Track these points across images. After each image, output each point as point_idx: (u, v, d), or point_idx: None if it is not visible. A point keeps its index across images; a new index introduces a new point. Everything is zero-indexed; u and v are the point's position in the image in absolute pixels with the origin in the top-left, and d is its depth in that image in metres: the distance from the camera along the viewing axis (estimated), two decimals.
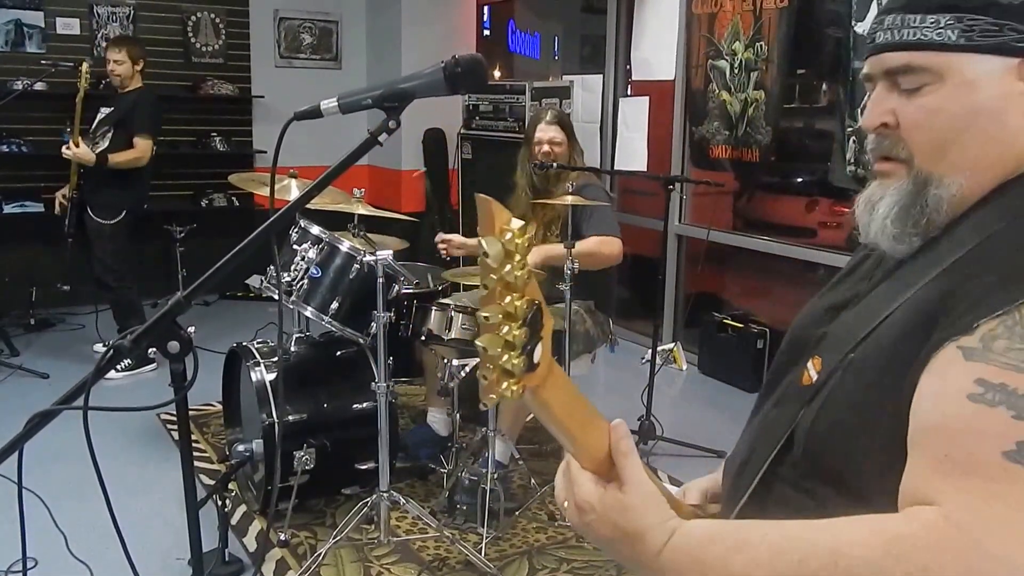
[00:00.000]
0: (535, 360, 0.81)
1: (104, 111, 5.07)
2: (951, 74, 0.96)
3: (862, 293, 1.07)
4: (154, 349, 1.35)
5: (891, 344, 0.92)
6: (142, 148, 4.90)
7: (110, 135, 4.94)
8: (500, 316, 0.78)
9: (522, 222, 0.79)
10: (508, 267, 0.77)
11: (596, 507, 0.92)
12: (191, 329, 1.39)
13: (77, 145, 4.81)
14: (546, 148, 3.82)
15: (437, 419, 3.92)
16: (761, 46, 4.83)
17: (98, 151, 4.91)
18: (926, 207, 0.98)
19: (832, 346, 1.02)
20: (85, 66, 4.94)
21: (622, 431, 0.95)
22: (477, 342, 0.78)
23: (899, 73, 0.99)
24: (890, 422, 0.87)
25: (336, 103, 1.30)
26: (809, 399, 1.01)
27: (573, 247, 3.41)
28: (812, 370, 1.03)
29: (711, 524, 0.94)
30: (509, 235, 0.77)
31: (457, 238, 3.99)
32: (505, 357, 0.78)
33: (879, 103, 1.02)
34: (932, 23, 0.96)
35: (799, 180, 5.47)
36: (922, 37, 0.96)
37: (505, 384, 0.79)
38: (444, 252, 3.98)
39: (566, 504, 0.96)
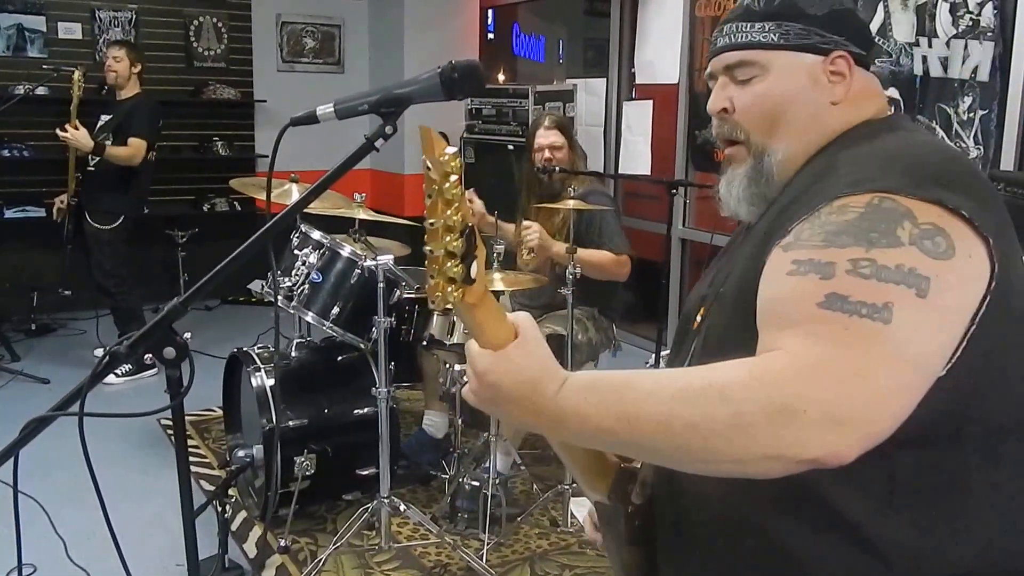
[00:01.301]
0: (472, 275, 0.94)
1: (104, 118, 5.06)
2: (773, 66, 1.23)
3: (732, 252, 1.32)
4: (150, 355, 1.34)
5: (742, 270, 1.15)
6: (136, 147, 4.88)
7: (110, 142, 4.93)
8: (441, 227, 0.91)
9: (455, 150, 0.93)
10: (447, 184, 0.91)
11: (494, 367, 1.02)
12: (187, 335, 1.37)
13: (75, 128, 4.79)
14: (547, 154, 3.80)
15: (433, 422, 3.90)
16: None
17: (97, 160, 4.91)
18: (763, 172, 1.25)
19: (710, 295, 1.26)
20: (77, 74, 4.93)
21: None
22: (425, 246, 0.91)
23: (735, 67, 1.26)
24: (751, 330, 1.05)
25: (332, 109, 1.28)
26: (696, 335, 1.27)
27: (575, 252, 3.39)
28: (699, 316, 1.28)
29: (599, 372, 1.10)
30: (445, 158, 0.91)
31: (480, 207, 3.88)
32: (448, 264, 0.92)
33: (719, 92, 1.29)
34: (759, 29, 1.24)
35: None
36: (752, 39, 1.24)
37: (449, 288, 0.93)
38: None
39: (467, 379, 1.06)
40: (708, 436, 0.92)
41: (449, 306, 0.95)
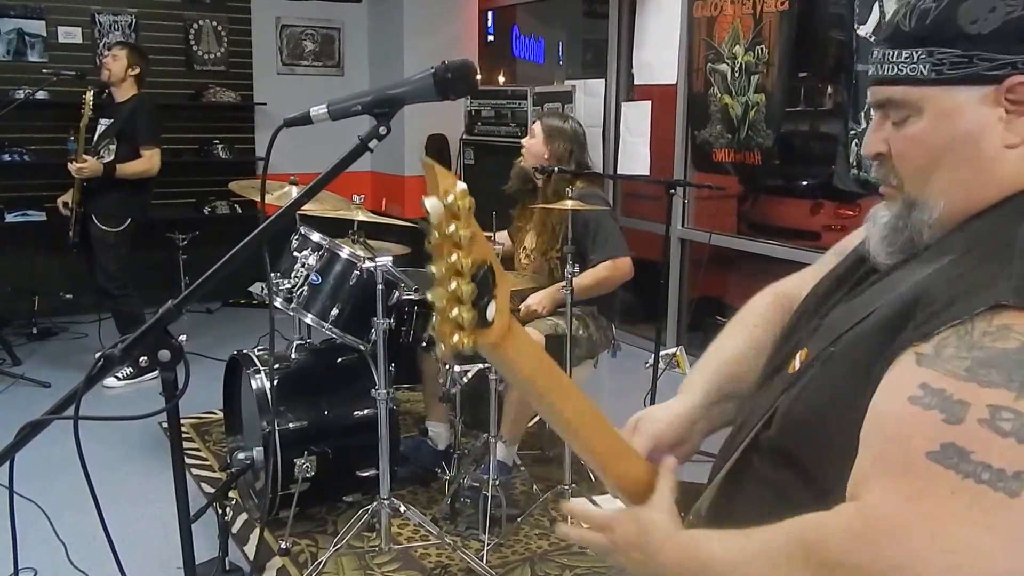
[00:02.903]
0: (488, 317, 0.87)
1: (104, 123, 5.05)
2: (928, 107, 1.00)
3: (857, 290, 1.12)
4: (145, 358, 1.34)
5: (866, 341, 0.96)
6: (150, 158, 4.91)
7: (113, 147, 4.93)
8: (446, 271, 0.84)
9: (464, 186, 0.84)
10: (452, 226, 0.83)
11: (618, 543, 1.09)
12: (182, 337, 1.38)
13: (85, 160, 4.81)
14: (523, 151, 3.86)
15: (437, 432, 3.89)
16: (761, 49, 4.82)
17: (103, 163, 4.91)
18: (911, 227, 1.04)
19: (819, 338, 1.07)
20: (90, 96, 4.93)
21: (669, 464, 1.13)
22: (428, 295, 0.84)
23: (885, 105, 1.06)
24: (854, 417, 0.91)
25: (326, 110, 1.29)
26: (790, 386, 1.07)
27: (573, 250, 3.38)
28: (798, 360, 1.09)
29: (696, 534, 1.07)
30: (451, 197, 0.83)
31: None
32: (455, 311, 0.85)
33: (875, 132, 1.08)
34: (907, 58, 1.00)
35: (802, 183, 5.45)
36: (898, 72, 1.01)
37: (457, 336, 0.86)
38: None
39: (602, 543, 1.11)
40: None
41: (460, 353, 0.89)
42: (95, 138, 5.04)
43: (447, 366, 3.45)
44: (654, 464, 1.17)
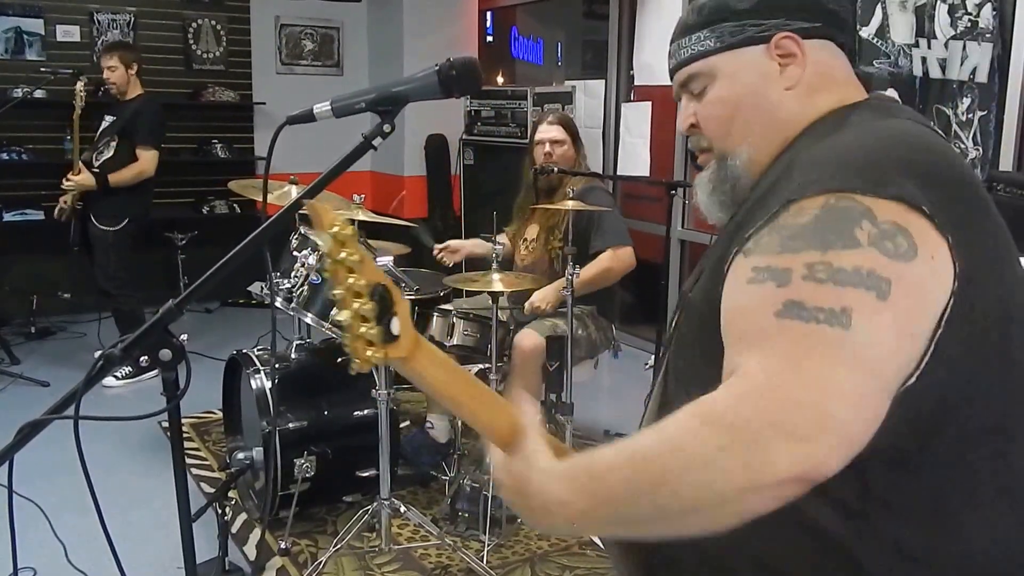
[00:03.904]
0: (394, 332, 0.95)
1: (108, 119, 5.05)
2: (719, 72, 1.22)
3: (707, 254, 1.28)
4: (146, 358, 1.33)
5: (708, 275, 1.14)
6: (146, 160, 4.89)
7: (114, 144, 4.92)
8: (346, 293, 0.93)
9: (344, 217, 0.94)
10: (343, 253, 0.92)
11: (505, 480, 1.07)
12: (183, 337, 1.37)
13: (78, 173, 4.80)
14: (547, 148, 3.80)
15: (437, 426, 3.89)
16: None
17: (102, 159, 4.90)
18: (728, 177, 1.23)
19: (683, 300, 1.25)
20: (80, 85, 4.91)
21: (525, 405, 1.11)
22: (333, 316, 0.92)
23: (687, 84, 1.26)
24: (715, 338, 1.03)
25: (329, 107, 1.28)
26: (669, 343, 1.27)
27: (575, 251, 3.39)
28: (674, 323, 1.27)
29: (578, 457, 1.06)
30: (336, 228, 0.92)
31: (454, 243, 3.97)
32: (362, 328, 0.93)
33: (685, 110, 1.28)
34: (696, 39, 1.23)
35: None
36: (693, 52, 1.23)
37: (369, 351, 0.94)
38: (445, 261, 3.96)
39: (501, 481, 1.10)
40: (678, 487, 0.90)
41: (374, 366, 0.95)
42: (97, 134, 5.03)
43: None
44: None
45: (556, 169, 3.74)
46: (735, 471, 0.87)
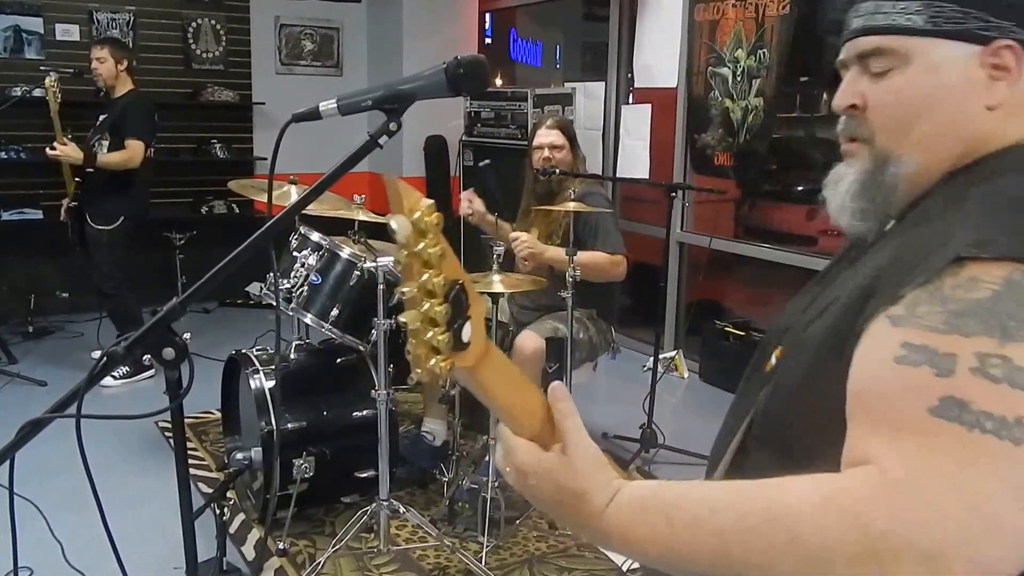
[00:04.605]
0: (464, 339, 0.83)
1: (102, 118, 5.04)
2: (917, 57, 1.00)
3: (833, 277, 1.12)
4: (149, 356, 1.32)
5: (833, 322, 0.96)
6: (133, 149, 4.84)
7: (106, 143, 4.91)
8: (418, 292, 0.80)
9: (431, 202, 0.80)
10: (421, 244, 0.79)
11: (537, 470, 0.92)
12: (186, 335, 1.36)
13: (64, 144, 4.76)
14: (546, 153, 3.79)
15: (433, 430, 3.88)
16: (763, 53, 4.81)
17: (84, 152, 4.88)
18: (883, 184, 1.03)
19: (792, 332, 1.08)
20: (48, 80, 4.86)
21: (561, 393, 0.95)
22: (400, 318, 0.80)
23: (870, 56, 1.04)
24: (831, 395, 0.90)
25: (335, 104, 1.27)
26: (766, 382, 1.07)
27: (575, 255, 3.39)
28: (773, 358, 1.10)
29: (654, 484, 0.93)
30: (418, 214, 0.79)
31: (480, 206, 3.87)
32: (429, 333, 0.80)
33: (851, 85, 1.07)
34: (902, 9, 1.01)
35: (801, 188, 5.44)
36: (892, 22, 1.01)
37: (433, 360, 0.81)
38: (467, 211, 3.86)
39: (508, 470, 0.96)
40: (772, 572, 0.80)
41: (436, 377, 0.84)
42: (91, 132, 5.02)
43: None
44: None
45: (558, 171, 3.73)
46: None
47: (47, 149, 4.79)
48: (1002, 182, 0.93)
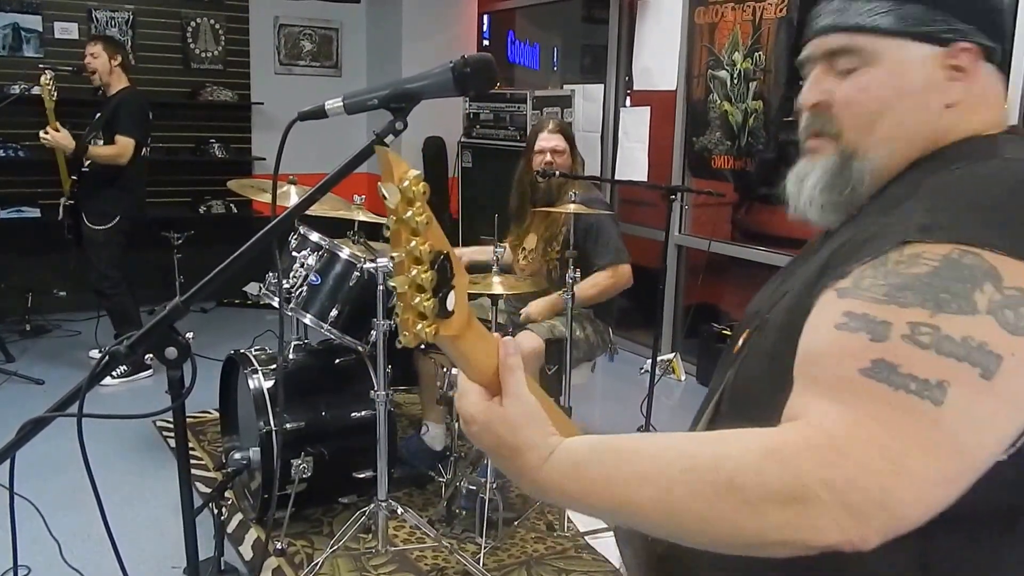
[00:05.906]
0: (449, 307, 0.88)
1: (98, 116, 5.02)
2: (884, 57, 1.04)
3: (796, 266, 1.17)
4: (151, 355, 1.32)
5: (794, 300, 1.02)
6: (122, 145, 4.81)
7: (100, 142, 4.90)
8: (406, 257, 0.84)
9: (419, 172, 0.84)
10: (409, 212, 0.83)
11: (478, 418, 0.96)
12: (189, 335, 1.35)
13: (57, 131, 4.74)
14: (548, 158, 3.79)
15: (433, 434, 3.88)
16: (760, 56, 4.82)
17: (90, 161, 4.87)
18: (850, 179, 1.07)
19: (759, 315, 1.12)
20: (44, 78, 4.84)
21: (510, 347, 0.98)
22: (390, 281, 0.83)
23: (837, 54, 1.08)
24: (789, 369, 0.94)
25: (341, 103, 1.27)
26: (733, 363, 1.13)
27: (575, 255, 3.38)
28: (741, 340, 1.15)
29: (593, 439, 0.95)
30: (407, 182, 0.83)
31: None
32: (417, 298, 0.85)
33: (817, 83, 1.11)
34: (870, 9, 1.05)
35: None
36: (862, 21, 1.05)
37: (420, 325, 0.86)
38: None
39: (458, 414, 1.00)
40: (713, 522, 0.84)
41: (422, 343, 0.88)
42: (87, 130, 5.01)
43: (445, 368, 3.44)
44: None
45: (558, 173, 3.73)
46: (779, 525, 0.81)
47: (40, 133, 4.76)
48: (954, 170, 0.98)
